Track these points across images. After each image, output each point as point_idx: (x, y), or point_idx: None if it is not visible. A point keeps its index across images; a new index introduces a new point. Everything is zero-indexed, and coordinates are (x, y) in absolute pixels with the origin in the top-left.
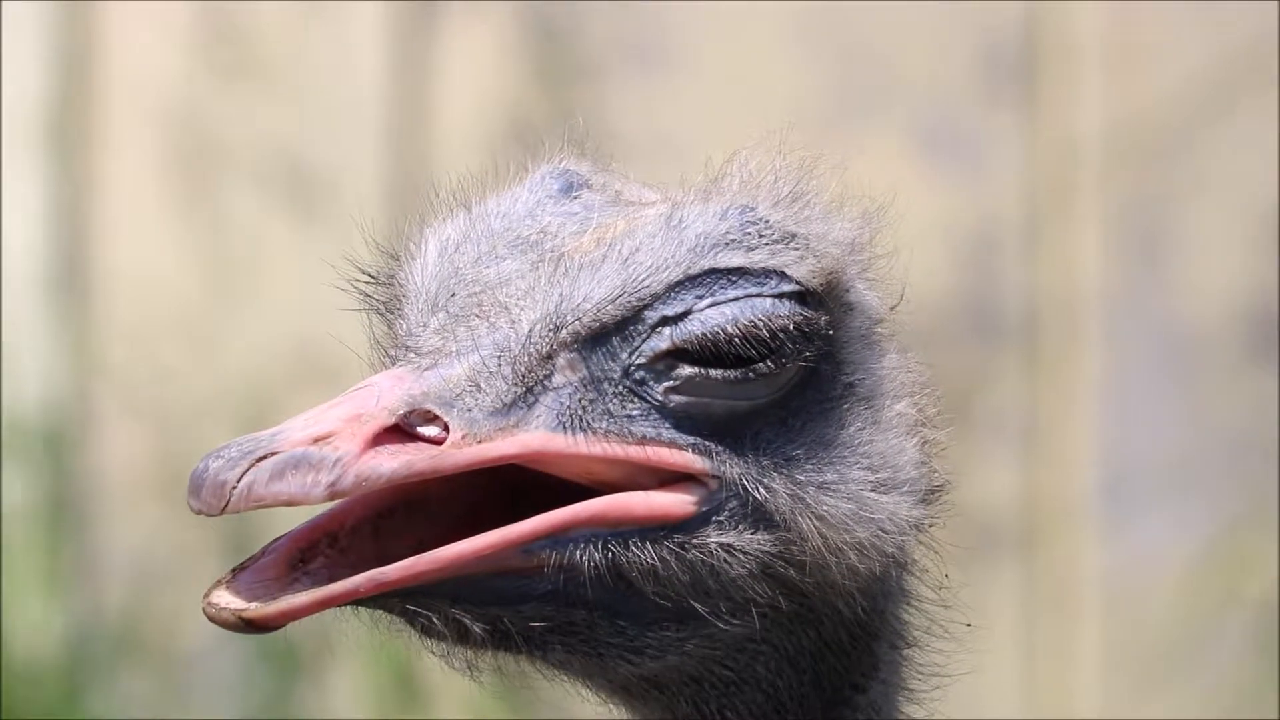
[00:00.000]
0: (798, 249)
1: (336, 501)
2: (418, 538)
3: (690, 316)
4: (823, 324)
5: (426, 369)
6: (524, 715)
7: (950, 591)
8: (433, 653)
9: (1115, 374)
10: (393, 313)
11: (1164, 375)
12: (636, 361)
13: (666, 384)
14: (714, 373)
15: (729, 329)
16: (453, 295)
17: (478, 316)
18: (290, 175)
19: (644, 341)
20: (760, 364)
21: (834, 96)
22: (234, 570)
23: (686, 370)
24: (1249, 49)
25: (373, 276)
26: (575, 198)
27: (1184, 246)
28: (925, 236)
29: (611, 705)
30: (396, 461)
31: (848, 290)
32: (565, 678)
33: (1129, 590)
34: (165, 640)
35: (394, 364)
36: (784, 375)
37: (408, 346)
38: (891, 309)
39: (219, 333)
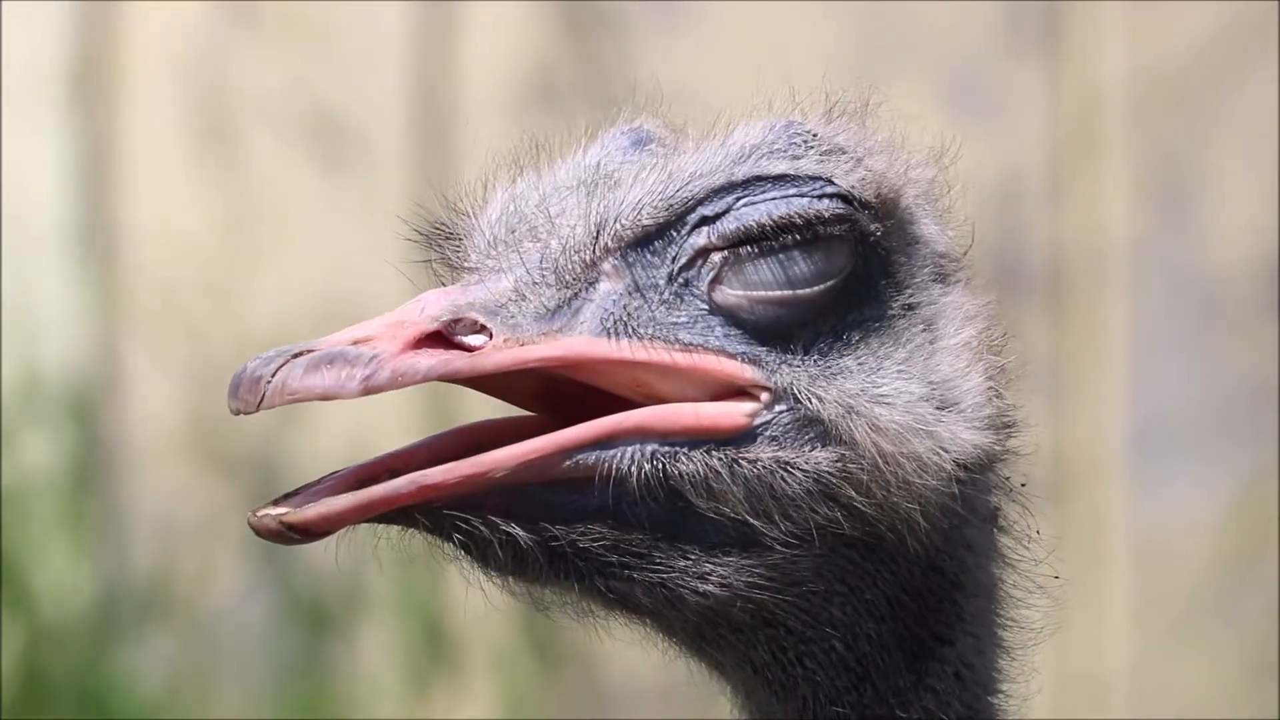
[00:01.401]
0: (848, 160)
1: (408, 444)
2: None
3: (728, 215)
4: (873, 231)
5: (474, 284)
6: (553, 670)
7: (1037, 545)
8: (489, 581)
9: (1141, 324)
10: (460, 260)
11: (1190, 325)
12: (679, 264)
13: (709, 284)
14: (757, 267)
15: (764, 220)
16: (512, 231)
17: (530, 240)
18: (315, 128)
19: (685, 241)
20: (789, 255)
21: (857, 50)
22: (287, 494)
23: (727, 265)
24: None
25: (436, 230)
26: (645, 150)
27: (1208, 196)
28: (957, 200)
29: (689, 660)
30: (434, 359)
31: (912, 221)
32: (637, 620)
33: (1158, 541)
34: (192, 597)
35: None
36: (834, 275)
37: (469, 266)
38: (964, 252)
39: (245, 287)
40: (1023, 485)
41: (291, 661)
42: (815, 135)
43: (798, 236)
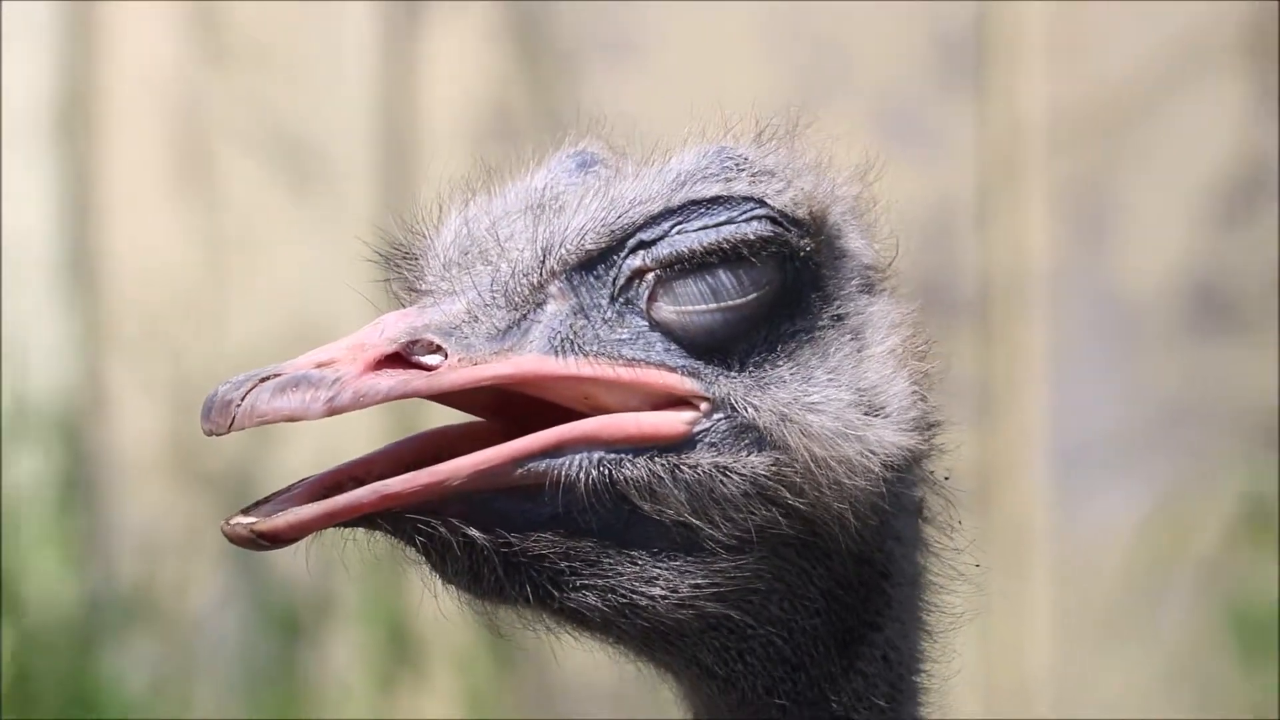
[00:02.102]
0: (778, 181)
1: (369, 452)
2: None
3: (663, 240)
4: (802, 247)
5: (429, 306)
6: (509, 669)
7: (959, 535)
8: (442, 579)
9: (1062, 345)
10: (413, 282)
11: (1108, 346)
12: (618, 284)
13: (647, 301)
14: (688, 287)
15: (694, 247)
16: (465, 253)
17: (482, 263)
18: (285, 159)
19: (623, 263)
20: (721, 275)
21: (796, 84)
22: (257, 502)
23: (660, 283)
24: (1185, 38)
25: (395, 249)
26: (590, 172)
27: (1125, 223)
28: (882, 215)
29: (639, 664)
30: (394, 380)
31: (839, 235)
32: (589, 634)
33: (1079, 552)
34: (172, 605)
35: (409, 304)
36: (760, 291)
37: (426, 288)
38: (889, 263)
39: (222, 310)
40: (946, 479)
41: (265, 664)
42: (747, 159)
43: (726, 258)
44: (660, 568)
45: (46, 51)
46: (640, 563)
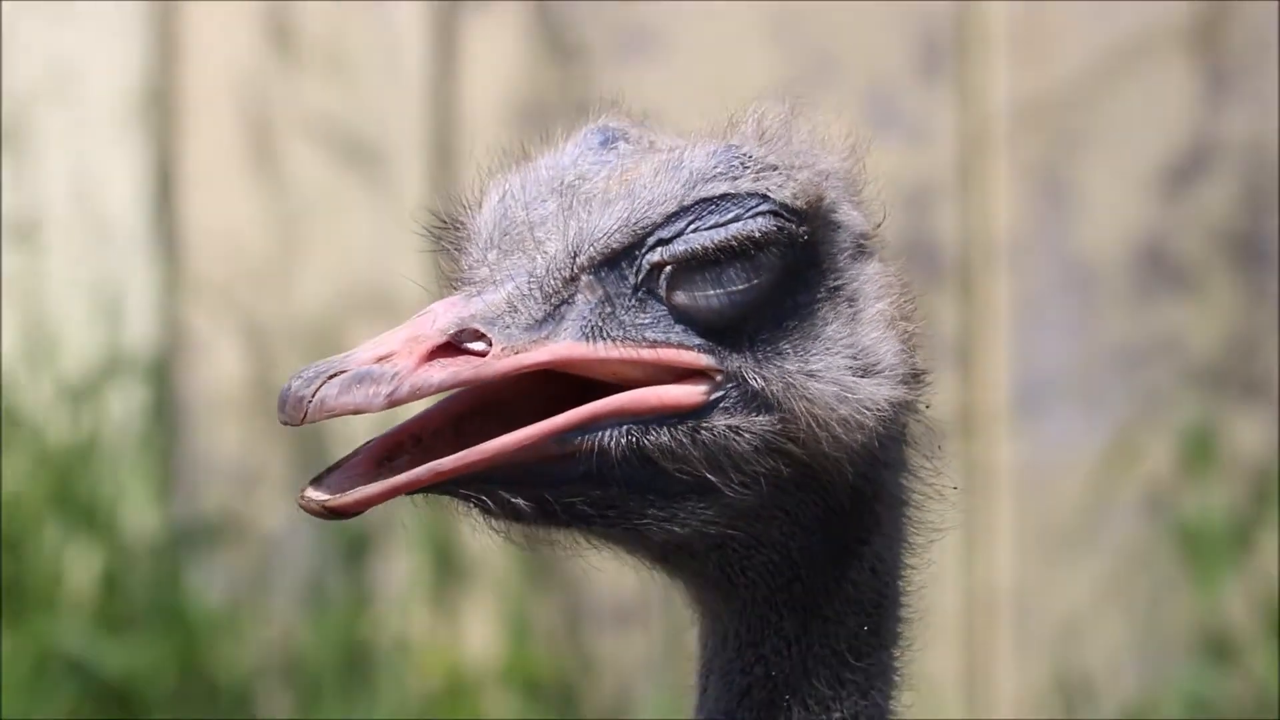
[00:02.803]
0: (780, 176)
1: (426, 406)
2: (491, 437)
3: (678, 239)
4: (801, 234)
5: (474, 296)
6: (544, 590)
7: (941, 460)
8: (493, 530)
9: (1027, 301)
10: (459, 252)
11: (1067, 301)
12: (640, 276)
13: (666, 290)
14: (700, 277)
15: (706, 244)
16: (505, 235)
17: (519, 251)
18: (344, 142)
19: (644, 258)
20: (730, 267)
21: (796, 77)
22: (328, 469)
23: (678, 274)
24: (1134, 32)
25: (443, 223)
26: (612, 148)
27: (1082, 196)
28: (871, 187)
29: (652, 571)
30: (445, 372)
31: (834, 210)
32: (612, 548)
33: (1039, 479)
34: (249, 528)
35: (454, 293)
36: (763, 277)
37: (466, 279)
38: (876, 227)
39: (289, 271)
40: (927, 408)
41: (329, 582)
42: (751, 156)
43: (734, 252)
44: (677, 509)
45: (136, 46)
46: (660, 507)
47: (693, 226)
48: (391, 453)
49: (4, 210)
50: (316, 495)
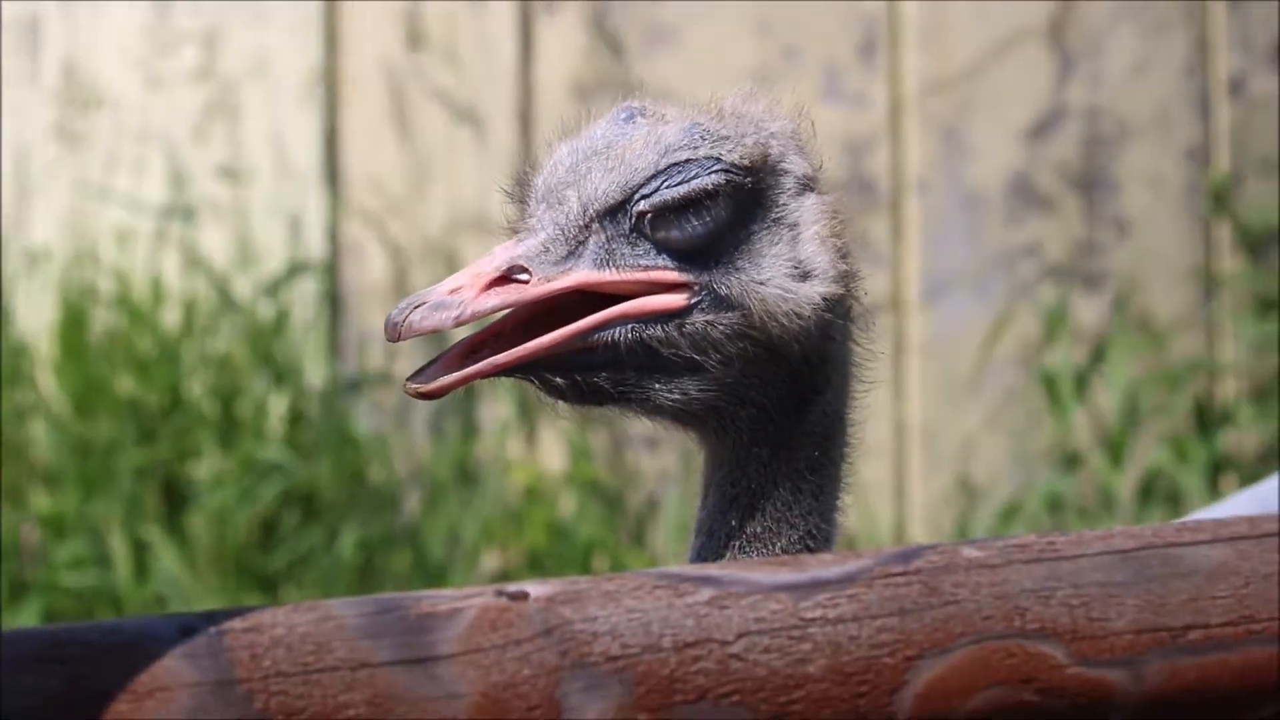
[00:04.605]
0: (731, 143)
1: (501, 314)
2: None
3: (655, 194)
4: (747, 183)
5: (522, 240)
6: (596, 429)
7: (873, 333)
8: (548, 403)
9: (934, 220)
10: (524, 204)
11: (962, 220)
12: (631, 221)
13: (651, 231)
14: (674, 219)
15: (674, 196)
16: (549, 192)
17: (555, 206)
18: (457, 109)
19: (633, 209)
20: (695, 210)
21: (770, 61)
22: (428, 363)
23: (658, 219)
24: (1010, 25)
25: (516, 182)
26: (632, 123)
27: (972, 145)
28: (827, 143)
29: (666, 428)
30: (497, 298)
31: (781, 160)
32: (637, 413)
33: (943, 345)
34: (393, 379)
35: (512, 238)
36: (720, 215)
37: (525, 226)
38: (818, 169)
39: (418, 203)
40: (866, 295)
41: (449, 417)
42: (709, 130)
43: (697, 198)
44: (675, 382)
45: (311, 42)
46: (662, 382)
47: (665, 184)
48: (476, 349)
49: (221, 158)
50: (412, 384)
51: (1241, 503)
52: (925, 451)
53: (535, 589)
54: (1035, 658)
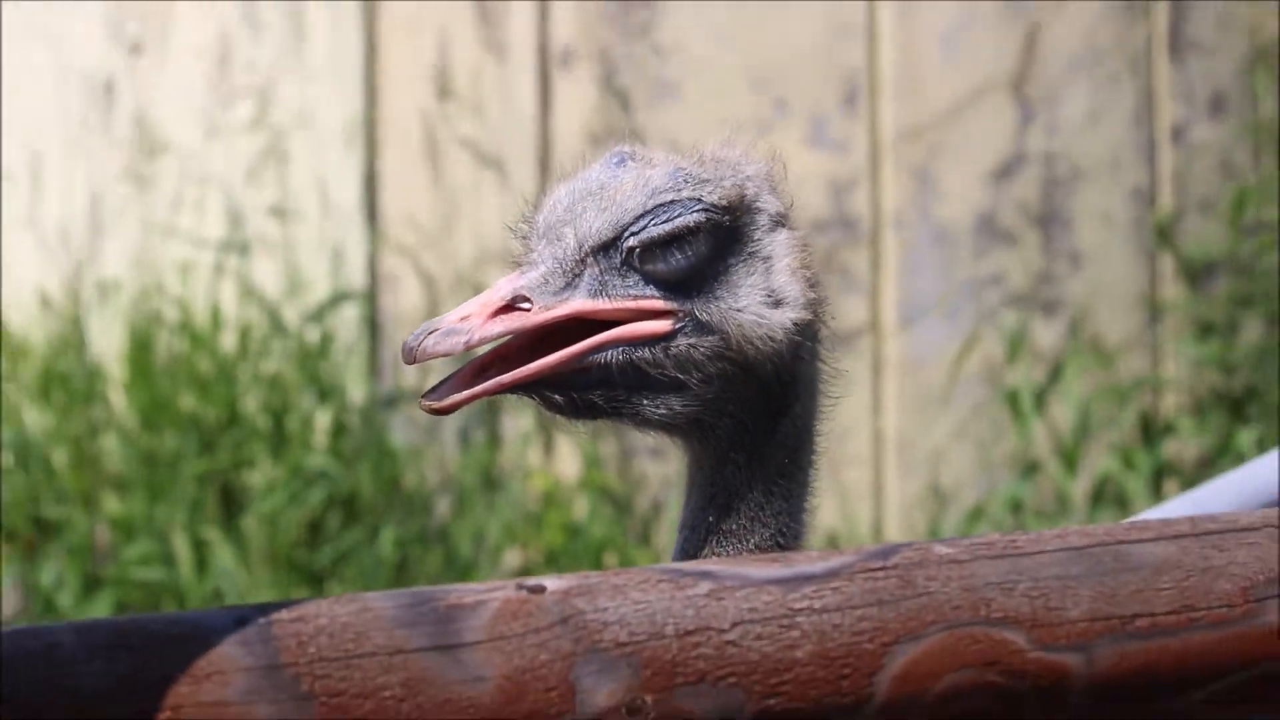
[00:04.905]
0: (710, 185)
1: (505, 339)
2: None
3: (642, 232)
4: (725, 221)
5: (524, 273)
6: (606, 431)
7: (838, 357)
8: (548, 417)
9: (909, 253)
10: (527, 239)
11: (934, 253)
12: (622, 256)
13: (640, 264)
14: (660, 253)
15: (659, 234)
16: (549, 229)
17: (554, 242)
18: (482, 155)
19: (623, 245)
20: (678, 245)
21: (762, 112)
22: (441, 381)
23: (646, 252)
24: (974, 82)
25: (522, 220)
26: (624, 166)
27: (943, 186)
28: (813, 185)
29: (655, 437)
30: (501, 325)
31: (756, 200)
32: (629, 425)
33: (917, 364)
34: (419, 393)
35: (516, 270)
36: (701, 250)
37: (527, 260)
38: (789, 207)
39: (448, 239)
40: (833, 319)
41: (475, 430)
42: (691, 174)
43: (679, 236)
44: (661, 398)
45: (353, 95)
46: (650, 398)
47: (652, 222)
48: (484, 369)
49: (272, 199)
50: (426, 401)
51: (1183, 505)
52: (900, 460)
53: (552, 583)
54: (999, 643)
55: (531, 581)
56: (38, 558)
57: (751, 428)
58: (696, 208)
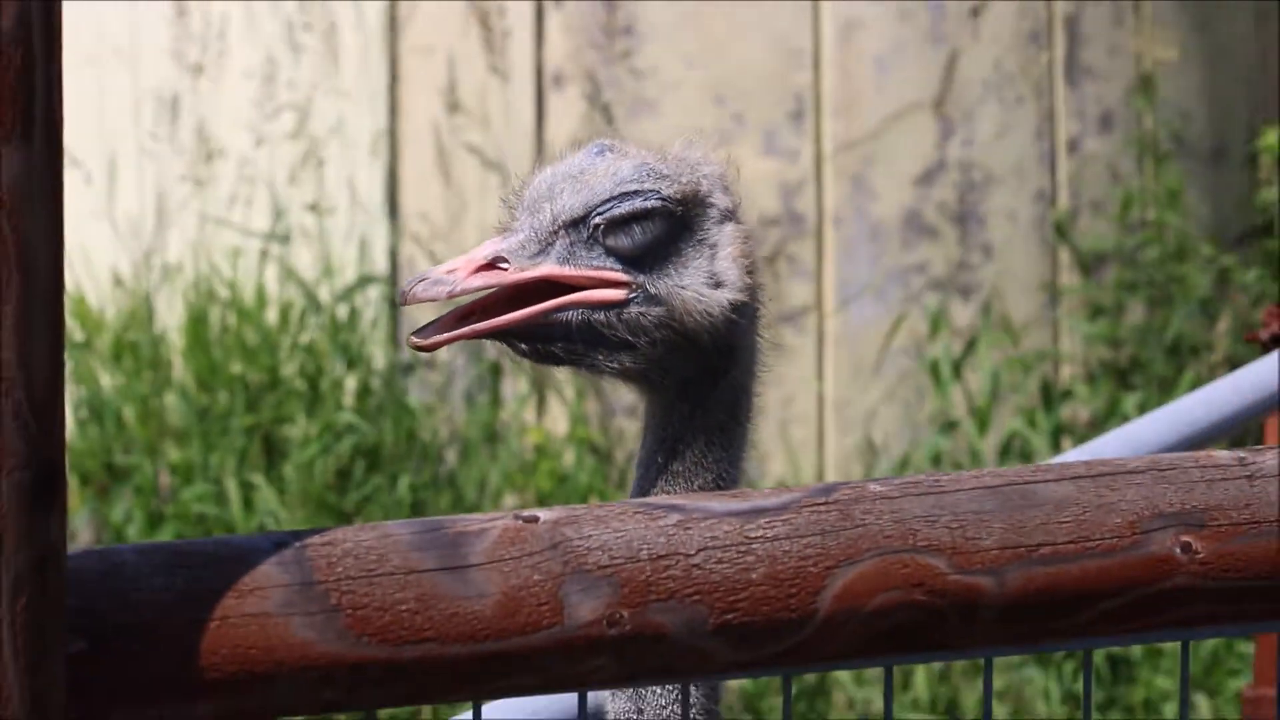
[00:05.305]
0: (668, 180)
1: (485, 292)
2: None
3: (608, 212)
4: (677, 210)
5: (506, 238)
6: (591, 393)
7: (773, 329)
8: (520, 363)
9: (847, 244)
10: (514, 210)
11: (868, 245)
12: (588, 232)
13: (603, 239)
14: (621, 231)
15: (622, 214)
16: (530, 204)
17: (534, 214)
18: (486, 160)
19: (591, 222)
20: (637, 227)
21: (724, 124)
22: (429, 323)
23: (609, 230)
24: (902, 101)
25: (511, 193)
26: (602, 156)
27: (875, 188)
28: (767, 187)
29: (616, 382)
30: (481, 279)
31: (709, 195)
32: (583, 374)
33: (853, 338)
34: (438, 362)
35: (500, 235)
36: (655, 232)
37: (510, 228)
38: (737, 205)
39: (457, 231)
40: (769, 301)
41: (479, 391)
42: (652, 169)
43: (638, 218)
44: (613, 355)
45: (379, 110)
46: (604, 354)
47: (616, 205)
48: (465, 317)
49: (310, 197)
50: (414, 339)
51: (1080, 455)
52: (838, 419)
53: (544, 514)
54: (924, 568)
55: (527, 513)
56: (110, 498)
57: (693, 386)
58: (654, 197)
